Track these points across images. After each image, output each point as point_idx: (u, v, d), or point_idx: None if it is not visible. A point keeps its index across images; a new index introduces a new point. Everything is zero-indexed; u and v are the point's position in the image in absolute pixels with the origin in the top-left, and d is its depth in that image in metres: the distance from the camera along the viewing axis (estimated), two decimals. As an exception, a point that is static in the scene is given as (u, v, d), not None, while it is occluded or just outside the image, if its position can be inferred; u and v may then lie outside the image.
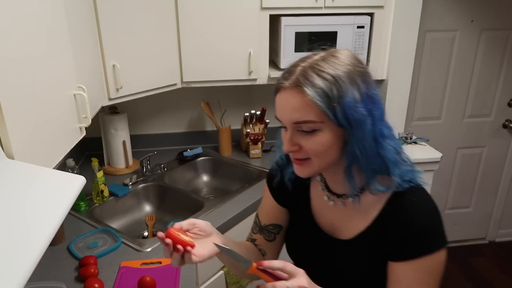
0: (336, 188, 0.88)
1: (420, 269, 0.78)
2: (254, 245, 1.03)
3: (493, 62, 2.50)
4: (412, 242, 0.78)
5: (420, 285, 0.79)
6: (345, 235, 0.88)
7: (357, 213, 0.85)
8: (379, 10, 1.95)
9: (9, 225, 0.64)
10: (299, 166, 0.80)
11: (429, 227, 0.78)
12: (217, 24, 1.83)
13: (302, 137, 0.77)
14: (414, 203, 0.79)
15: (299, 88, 0.73)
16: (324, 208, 0.91)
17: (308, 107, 0.73)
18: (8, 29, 0.77)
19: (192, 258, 0.79)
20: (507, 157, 2.77)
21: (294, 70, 0.76)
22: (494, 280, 2.63)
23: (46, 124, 0.93)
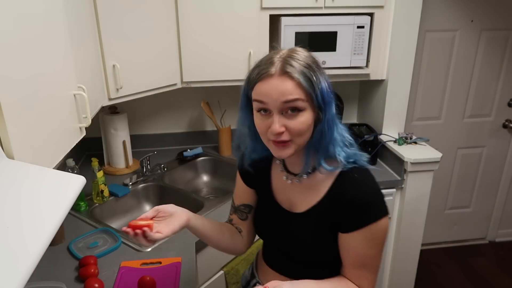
0: (293, 168, 1.00)
1: (366, 237, 0.91)
2: (232, 224, 1.17)
3: (493, 62, 2.50)
4: (358, 215, 0.91)
5: (368, 249, 0.93)
6: (300, 209, 1.00)
7: (310, 189, 0.98)
8: (379, 10, 1.95)
9: (9, 225, 0.64)
10: (281, 148, 0.89)
11: (371, 201, 0.91)
12: (217, 24, 1.83)
13: (287, 119, 0.86)
14: (358, 181, 0.92)
15: (288, 74, 0.84)
16: (283, 187, 1.03)
17: (298, 88, 0.84)
18: (8, 29, 0.77)
19: (154, 235, 0.93)
20: (507, 157, 2.77)
21: (273, 61, 0.87)
22: (494, 280, 2.63)
23: (46, 124, 0.93)
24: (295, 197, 1.01)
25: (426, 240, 2.84)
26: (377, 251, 0.95)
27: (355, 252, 0.94)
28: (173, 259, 1.36)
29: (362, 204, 0.91)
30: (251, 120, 0.95)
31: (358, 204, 0.91)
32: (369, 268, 0.96)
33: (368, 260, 0.95)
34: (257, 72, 0.89)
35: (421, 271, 2.33)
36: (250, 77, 0.91)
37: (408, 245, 2.13)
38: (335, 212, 0.93)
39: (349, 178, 0.93)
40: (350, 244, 0.94)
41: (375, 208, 0.92)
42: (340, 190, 0.93)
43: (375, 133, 2.12)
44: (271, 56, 0.90)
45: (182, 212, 1.02)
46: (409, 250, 2.15)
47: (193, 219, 1.03)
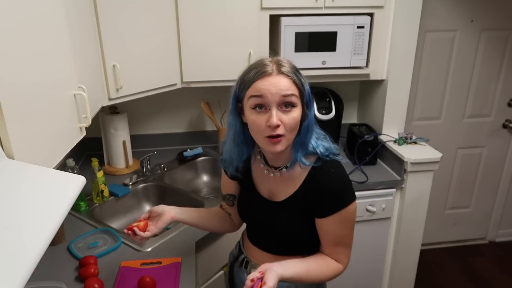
0: (274, 162, 1.12)
1: (339, 220, 1.05)
2: (223, 209, 1.33)
3: (493, 62, 2.50)
4: (330, 202, 1.04)
5: (341, 230, 1.07)
6: (279, 198, 1.12)
7: (288, 181, 1.10)
8: (379, 10, 1.95)
9: (9, 225, 0.64)
10: (275, 144, 0.99)
11: (341, 189, 1.04)
12: (217, 24, 1.83)
13: (282, 114, 0.97)
14: (329, 172, 1.05)
15: (284, 73, 0.97)
16: (263, 179, 1.16)
17: (293, 85, 0.97)
18: (8, 29, 0.77)
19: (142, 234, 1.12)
20: (507, 157, 2.77)
21: (266, 63, 0.99)
22: (494, 280, 2.63)
23: (46, 124, 0.93)
24: (275, 187, 1.13)
25: (426, 240, 2.84)
26: (350, 230, 1.09)
27: (331, 233, 1.08)
28: (173, 259, 1.36)
29: (334, 192, 1.04)
30: (240, 122, 1.06)
31: (330, 192, 1.03)
32: (344, 244, 1.10)
33: (343, 238, 1.09)
34: (255, 72, 0.98)
35: (421, 271, 2.33)
36: (245, 77, 1.01)
37: (408, 245, 2.13)
38: (310, 200, 1.06)
39: (322, 169, 1.05)
40: (326, 227, 1.08)
41: (345, 195, 1.04)
42: (315, 181, 1.06)
43: (375, 133, 2.12)
44: (261, 61, 1.01)
45: (169, 211, 1.19)
46: (409, 250, 2.15)
47: (178, 215, 1.20)
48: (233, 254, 1.35)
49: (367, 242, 2.03)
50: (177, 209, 1.22)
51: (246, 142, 1.09)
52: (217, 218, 1.30)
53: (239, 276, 1.28)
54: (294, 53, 1.92)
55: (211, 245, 1.56)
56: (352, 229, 1.09)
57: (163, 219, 1.16)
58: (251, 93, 0.98)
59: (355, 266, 1.90)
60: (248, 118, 1.01)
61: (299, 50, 1.92)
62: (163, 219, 1.16)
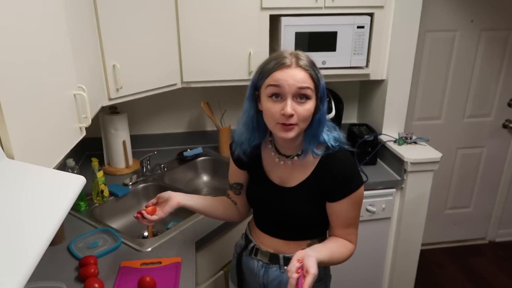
0: (285, 151, 1.18)
1: (349, 203, 1.13)
2: (229, 198, 1.37)
3: (493, 62, 2.50)
4: (342, 187, 1.11)
5: (351, 212, 1.14)
6: (291, 184, 1.18)
7: (299, 168, 1.16)
8: (379, 10, 1.95)
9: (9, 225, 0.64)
10: (287, 130, 1.05)
11: (351, 174, 1.12)
12: (217, 24, 1.83)
13: (297, 104, 1.02)
14: (339, 159, 1.12)
15: (302, 67, 1.02)
16: (274, 167, 1.21)
17: (309, 79, 1.03)
18: (7, 29, 0.77)
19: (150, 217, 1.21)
20: (507, 157, 2.77)
21: (285, 56, 1.04)
22: (494, 280, 2.63)
23: (46, 124, 0.93)
24: (286, 174, 1.19)
25: (426, 240, 2.84)
26: (358, 212, 1.17)
27: (343, 216, 1.15)
28: (173, 259, 1.36)
29: (345, 177, 1.11)
30: (255, 109, 1.11)
31: (341, 178, 1.11)
32: (354, 226, 1.18)
33: (353, 220, 1.16)
34: (275, 63, 1.04)
35: (421, 271, 2.33)
36: (265, 67, 1.06)
37: (408, 245, 2.13)
38: (322, 186, 1.13)
39: (332, 156, 1.12)
40: (337, 210, 1.14)
41: (354, 179, 1.12)
42: (326, 167, 1.13)
43: (375, 133, 2.12)
44: (281, 53, 1.06)
45: (175, 197, 1.25)
46: (409, 250, 2.15)
47: (184, 201, 1.26)
48: (239, 245, 1.37)
49: (367, 242, 2.03)
50: (184, 195, 1.28)
51: (258, 129, 1.15)
52: (223, 207, 1.34)
53: (249, 264, 1.30)
54: (294, 53, 1.92)
55: (211, 245, 1.56)
56: (359, 211, 1.18)
57: (170, 204, 1.23)
58: (269, 82, 1.04)
59: (355, 266, 1.90)
60: (264, 105, 1.06)
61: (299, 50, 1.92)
62: (169, 204, 1.23)
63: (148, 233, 1.74)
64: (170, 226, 1.70)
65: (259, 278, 1.27)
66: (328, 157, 1.12)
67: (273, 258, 1.24)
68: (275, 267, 1.24)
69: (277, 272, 1.24)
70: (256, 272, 1.28)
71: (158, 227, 1.76)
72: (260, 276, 1.27)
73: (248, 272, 1.32)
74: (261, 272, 1.26)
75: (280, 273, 1.24)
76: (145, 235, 1.74)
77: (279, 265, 1.23)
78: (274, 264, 1.24)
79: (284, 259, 1.22)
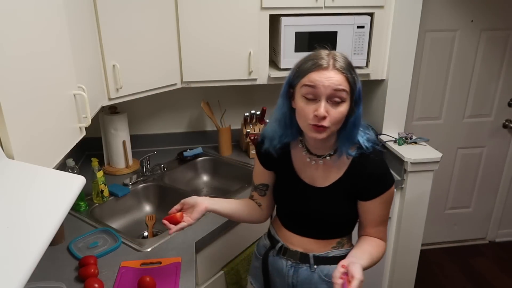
0: (317, 151, 1.18)
1: (381, 201, 1.15)
2: (253, 199, 1.35)
3: (493, 62, 2.50)
4: (375, 186, 1.13)
5: (383, 210, 1.17)
6: (323, 184, 1.18)
7: (332, 168, 1.17)
8: (379, 10, 1.95)
9: (9, 225, 0.64)
10: (319, 131, 1.05)
11: (384, 173, 1.14)
12: (217, 24, 1.83)
13: (330, 106, 1.03)
14: (373, 159, 1.13)
15: (338, 69, 1.02)
16: (305, 166, 1.21)
17: (345, 82, 1.02)
18: (7, 29, 0.77)
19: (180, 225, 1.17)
20: (507, 157, 2.77)
21: (323, 57, 1.04)
22: (494, 280, 2.63)
23: (46, 124, 0.93)
24: (317, 174, 1.19)
25: (426, 240, 2.84)
26: (389, 210, 1.19)
27: (375, 214, 1.17)
28: (173, 259, 1.36)
29: (378, 177, 1.13)
30: (288, 106, 1.12)
31: (375, 177, 1.12)
32: (384, 224, 1.20)
33: (384, 218, 1.19)
34: (312, 63, 1.04)
35: (421, 271, 2.33)
36: (302, 67, 1.06)
37: (408, 245, 2.13)
38: (356, 185, 1.14)
39: (366, 156, 1.13)
40: (370, 209, 1.16)
41: (387, 179, 1.14)
42: (359, 167, 1.14)
43: (375, 133, 2.12)
44: (319, 53, 1.06)
45: (202, 202, 1.22)
46: (409, 250, 2.15)
47: (210, 206, 1.22)
48: (263, 245, 1.35)
49: (367, 242, 2.03)
50: (209, 199, 1.25)
51: (291, 126, 1.15)
52: (247, 209, 1.33)
53: (277, 264, 1.29)
54: (294, 53, 1.92)
55: (211, 245, 1.56)
56: (390, 209, 1.20)
57: (198, 210, 1.20)
58: (304, 82, 1.04)
59: (355, 266, 1.90)
60: (298, 104, 1.07)
61: (299, 50, 1.92)
62: (197, 210, 1.20)
63: (148, 233, 1.74)
64: (170, 226, 1.70)
65: (288, 278, 1.26)
66: (362, 156, 1.13)
67: (302, 258, 1.23)
68: (305, 266, 1.23)
69: (307, 271, 1.23)
70: (284, 272, 1.26)
71: (158, 227, 1.76)
72: (290, 276, 1.26)
73: (275, 273, 1.30)
74: (290, 272, 1.25)
75: (310, 272, 1.23)
76: (145, 235, 1.74)
77: (309, 264, 1.23)
78: (304, 263, 1.23)
79: (314, 258, 1.22)
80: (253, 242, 1.79)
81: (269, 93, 2.28)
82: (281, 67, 1.95)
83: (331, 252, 1.23)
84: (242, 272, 1.72)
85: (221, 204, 1.27)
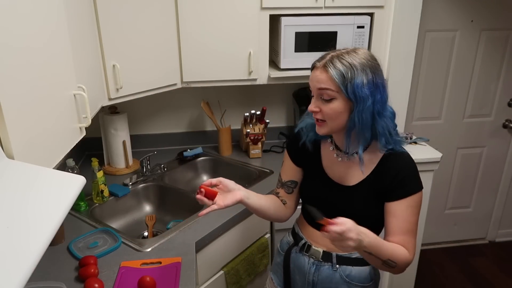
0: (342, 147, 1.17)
1: (409, 204, 1.11)
2: (278, 197, 1.35)
3: (493, 62, 2.50)
4: (402, 186, 1.11)
5: (411, 216, 1.12)
6: (350, 182, 1.18)
7: (359, 166, 1.14)
8: (379, 10, 1.95)
9: (9, 225, 0.64)
10: (318, 126, 1.12)
11: (413, 175, 1.13)
12: (217, 24, 1.83)
13: (323, 104, 1.08)
14: (401, 159, 1.13)
15: (325, 68, 1.06)
16: (333, 164, 1.21)
17: (329, 80, 1.05)
18: (7, 30, 0.77)
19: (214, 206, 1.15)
20: (507, 157, 2.77)
21: (325, 56, 1.08)
22: (494, 280, 2.63)
23: (46, 124, 0.93)
24: (345, 172, 1.19)
25: (426, 240, 2.84)
26: (417, 218, 1.13)
27: (401, 218, 1.11)
28: (173, 259, 1.36)
29: (406, 177, 1.11)
30: None
31: (402, 178, 1.11)
32: (412, 234, 1.13)
33: (411, 225, 1.12)
34: (313, 64, 1.11)
35: (421, 271, 2.33)
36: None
37: (408, 245, 2.13)
38: (382, 185, 1.13)
39: (394, 156, 1.13)
40: (397, 211, 1.11)
41: (416, 181, 1.12)
42: (387, 166, 1.13)
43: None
44: (329, 52, 1.10)
45: (238, 191, 1.20)
46: (409, 250, 2.14)
47: (245, 199, 1.20)
48: (286, 242, 1.36)
49: (367, 242, 2.03)
50: (245, 191, 1.23)
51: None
52: (273, 206, 1.32)
53: (299, 261, 1.29)
54: (294, 53, 1.92)
55: (211, 245, 1.56)
56: (418, 219, 1.14)
57: (232, 198, 1.17)
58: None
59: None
60: None
61: (299, 50, 1.92)
62: (232, 198, 1.17)
63: (148, 233, 1.74)
64: (170, 226, 1.70)
65: (309, 275, 1.26)
66: (391, 156, 1.13)
67: (325, 256, 1.23)
68: (327, 265, 1.23)
69: (329, 270, 1.23)
70: (306, 270, 1.27)
71: (158, 227, 1.77)
72: (311, 274, 1.26)
73: (297, 270, 1.30)
74: (312, 269, 1.25)
75: (332, 271, 1.22)
76: (145, 235, 1.74)
77: (331, 263, 1.22)
78: (326, 262, 1.23)
79: (337, 258, 1.22)
80: (253, 242, 1.79)
81: (269, 93, 2.28)
82: (281, 67, 1.95)
83: (354, 253, 1.20)
84: (242, 272, 1.72)
85: (254, 199, 1.24)
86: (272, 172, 1.97)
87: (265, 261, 1.85)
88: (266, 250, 1.85)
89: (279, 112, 2.37)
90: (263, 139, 2.16)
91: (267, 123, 2.15)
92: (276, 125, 2.35)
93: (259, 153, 2.16)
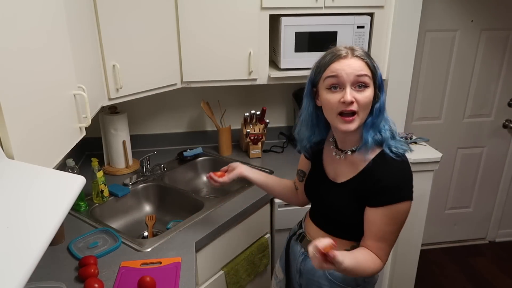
0: (343, 145, 1.18)
1: (385, 214, 1.07)
2: (294, 182, 1.44)
3: (493, 62, 2.50)
4: (383, 194, 1.07)
5: (385, 226, 1.08)
6: (340, 180, 1.18)
7: (351, 164, 1.15)
8: (379, 10, 1.95)
9: (9, 225, 0.64)
10: (348, 122, 1.05)
11: (397, 185, 1.07)
12: (217, 24, 1.83)
13: (356, 92, 1.04)
14: (391, 165, 1.07)
15: (358, 56, 1.05)
16: (331, 161, 1.22)
17: (366, 67, 1.05)
18: (7, 30, 0.77)
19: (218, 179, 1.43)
20: (507, 157, 2.77)
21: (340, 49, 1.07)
22: (494, 280, 2.63)
23: (46, 124, 0.93)
24: (339, 169, 1.19)
25: (426, 240, 2.84)
26: (395, 228, 1.10)
27: (376, 226, 1.09)
28: (173, 259, 1.36)
29: (389, 185, 1.06)
30: (313, 105, 1.15)
31: (383, 186, 1.06)
32: (387, 242, 1.11)
33: (386, 234, 1.10)
34: (331, 55, 1.07)
35: (421, 271, 2.33)
36: (321, 62, 1.09)
37: (408, 245, 2.13)
38: (365, 187, 1.10)
39: (385, 160, 1.08)
40: (372, 218, 1.10)
41: (399, 192, 1.07)
42: (374, 169, 1.09)
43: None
44: (336, 48, 1.09)
45: (241, 167, 1.45)
46: (409, 250, 2.15)
47: (246, 171, 1.43)
48: (293, 229, 1.42)
49: (367, 242, 2.03)
50: (248, 168, 1.45)
51: (318, 125, 1.19)
52: (281, 186, 1.45)
53: (294, 249, 1.35)
54: (294, 53, 1.92)
55: (211, 245, 1.56)
56: (397, 229, 1.11)
57: (234, 172, 1.42)
58: (327, 74, 1.06)
59: (355, 266, 1.90)
60: (323, 98, 1.09)
61: (299, 50, 1.92)
62: (234, 172, 1.42)
63: (148, 233, 1.74)
64: (170, 226, 1.70)
65: (297, 264, 1.32)
66: (381, 159, 1.09)
67: None
68: None
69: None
70: (296, 258, 1.32)
71: (158, 227, 1.77)
72: (299, 262, 1.31)
73: (292, 256, 1.36)
74: (300, 258, 1.31)
75: None
76: (145, 235, 1.74)
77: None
78: None
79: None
80: (253, 242, 1.79)
81: (269, 93, 2.28)
82: (281, 67, 1.95)
83: None
84: (242, 272, 1.72)
85: (256, 174, 1.44)
86: (272, 172, 1.97)
87: (265, 261, 1.85)
88: (266, 250, 1.85)
89: (279, 112, 2.37)
90: (263, 139, 2.16)
91: (267, 123, 2.15)
92: (276, 125, 2.35)
93: (259, 153, 2.16)
